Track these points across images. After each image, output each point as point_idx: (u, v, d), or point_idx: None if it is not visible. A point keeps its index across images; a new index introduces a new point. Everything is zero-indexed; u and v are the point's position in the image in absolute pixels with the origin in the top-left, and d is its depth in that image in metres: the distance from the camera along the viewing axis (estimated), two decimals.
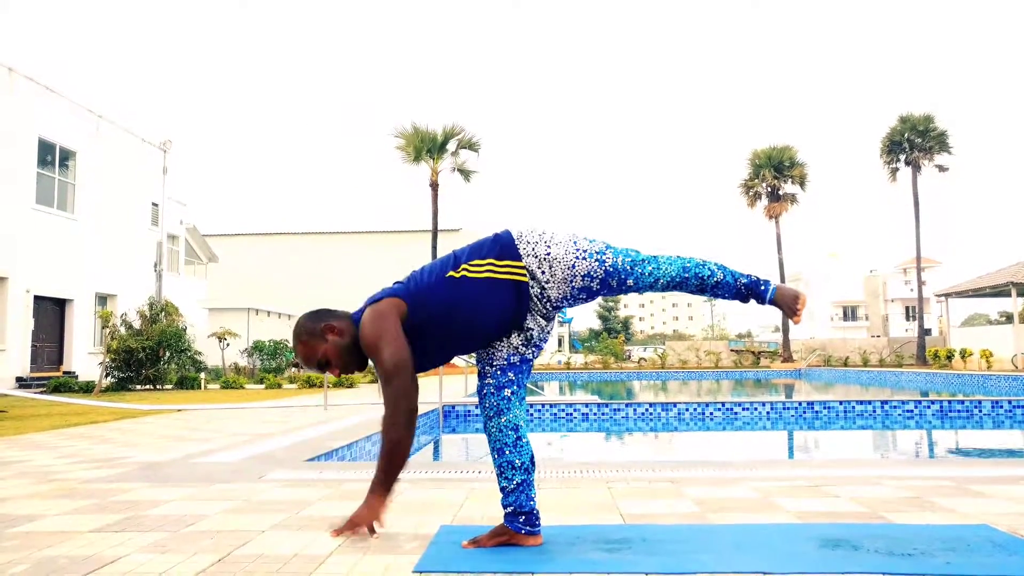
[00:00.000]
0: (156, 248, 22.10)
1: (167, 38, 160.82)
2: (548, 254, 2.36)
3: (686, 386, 21.17)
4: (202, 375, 17.38)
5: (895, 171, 29.99)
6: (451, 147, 25.88)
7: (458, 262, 2.39)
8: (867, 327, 60.83)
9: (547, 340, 2.54)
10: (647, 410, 10.03)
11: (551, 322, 2.50)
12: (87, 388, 14.97)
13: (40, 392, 14.30)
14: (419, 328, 2.35)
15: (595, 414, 9.98)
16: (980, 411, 9.99)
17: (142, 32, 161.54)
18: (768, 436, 9.22)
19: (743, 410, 10.01)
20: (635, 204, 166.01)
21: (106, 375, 15.73)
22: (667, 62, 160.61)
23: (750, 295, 2.43)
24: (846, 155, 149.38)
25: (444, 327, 2.37)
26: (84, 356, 18.37)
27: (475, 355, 2.54)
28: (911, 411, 9.96)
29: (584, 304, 2.52)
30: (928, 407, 10.16)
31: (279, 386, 16.81)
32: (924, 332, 30.16)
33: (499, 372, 2.46)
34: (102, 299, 19.74)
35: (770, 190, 31.49)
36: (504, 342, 2.46)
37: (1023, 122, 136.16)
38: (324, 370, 2.43)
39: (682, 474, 4.03)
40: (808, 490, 3.48)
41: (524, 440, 2.45)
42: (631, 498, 3.34)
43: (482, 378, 2.49)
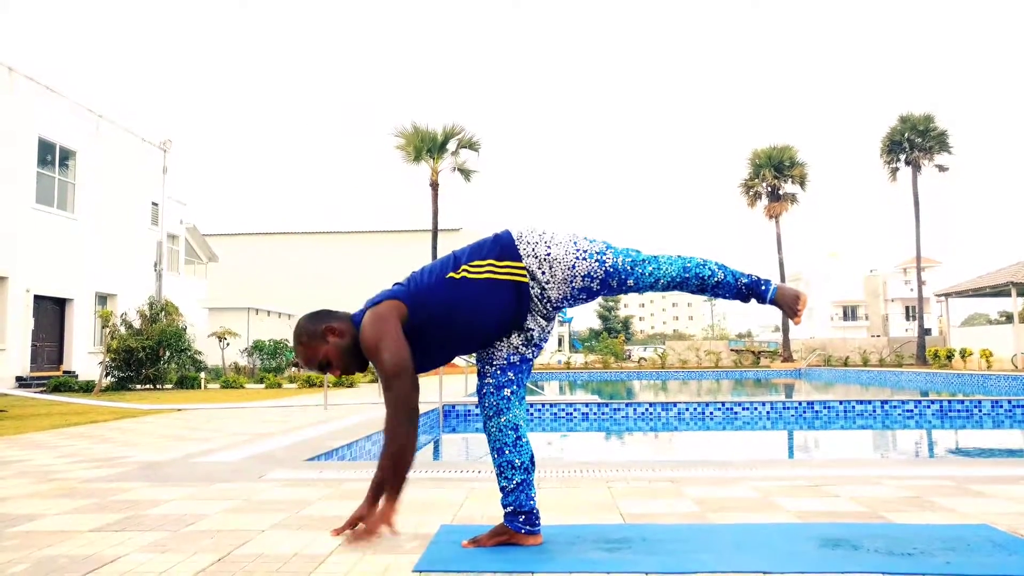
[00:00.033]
0: (156, 248, 22.10)
1: (167, 38, 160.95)
2: (548, 254, 2.36)
3: (686, 386, 21.17)
4: (202, 375, 17.38)
5: (895, 171, 29.99)
6: (451, 147, 25.86)
7: (458, 263, 2.38)
8: (867, 327, 60.85)
9: (547, 340, 2.54)
10: (647, 410, 10.03)
11: (551, 322, 2.50)
12: (87, 388, 14.97)
13: (40, 392, 14.31)
14: (419, 329, 2.35)
15: (595, 414, 9.98)
16: (980, 411, 9.99)
17: (142, 32, 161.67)
18: (768, 436, 9.22)
19: (743, 410, 10.01)
20: (635, 204, 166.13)
21: (106, 375, 15.74)
22: (667, 62, 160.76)
23: (751, 295, 2.42)
24: (846, 155, 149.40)
25: (444, 328, 2.36)
26: (84, 356, 18.37)
27: (475, 355, 2.54)
28: (911, 411, 9.95)
29: (584, 304, 2.51)
30: (928, 407, 10.16)
31: (279, 386, 16.81)
32: (924, 332, 30.17)
33: (499, 372, 2.46)
34: (102, 299, 19.74)
35: (770, 190, 31.49)
36: (504, 342, 2.46)
37: (1023, 122, 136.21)
38: (325, 371, 2.43)
39: (682, 474, 4.03)
40: (808, 490, 3.49)
41: (524, 440, 2.45)
42: (631, 498, 3.34)
43: (482, 378, 2.49)
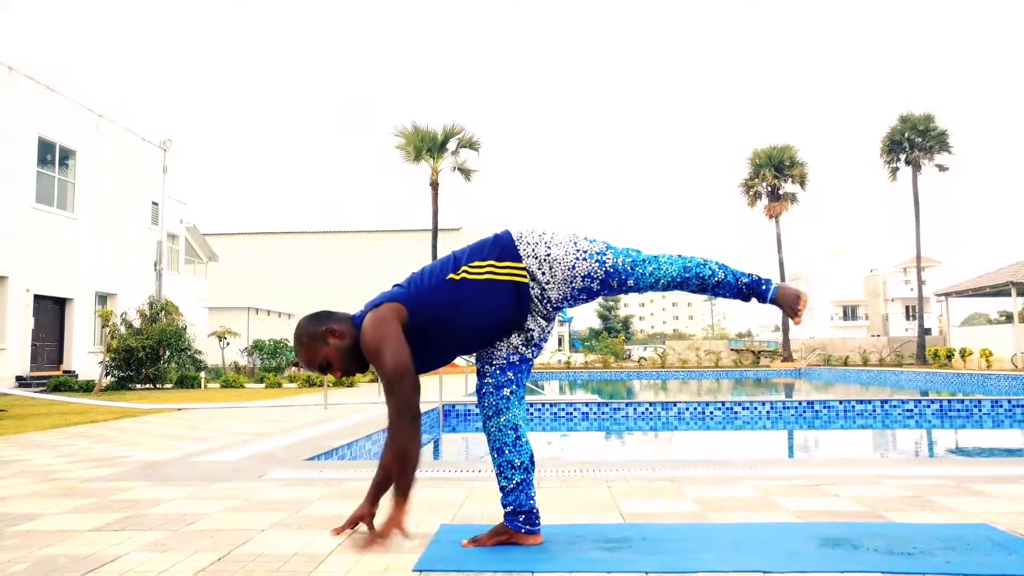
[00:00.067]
0: (156, 247, 22.09)
1: (167, 38, 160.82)
2: (548, 255, 2.35)
3: (686, 385, 21.17)
4: (202, 374, 17.39)
5: (895, 170, 29.98)
6: (451, 146, 25.85)
7: (458, 264, 2.38)
8: (867, 326, 60.88)
9: (547, 340, 2.54)
10: (647, 409, 10.02)
11: (551, 322, 2.50)
12: (87, 387, 14.97)
13: (40, 391, 14.31)
14: (420, 331, 2.35)
15: (595, 413, 9.97)
16: (980, 410, 9.98)
17: (142, 32, 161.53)
18: (768, 435, 9.22)
19: (743, 409, 10.01)
20: (635, 204, 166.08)
21: (106, 374, 15.74)
22: (667, 62, 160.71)
23: (751, 294, 2.42)
24: (846, 155, 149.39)
25: (445, 329, 2.36)
26: (84, 355, 18.37)
27: (475, 354, 2.54)
28: (911, 410, 9.95)
29: (584, 304, 2.51)
30: (928, 406, 10.16)
31: (279, 385, 16.81)
32: (924, 331, 30.17)
33: (498, 372, 2.46)
34: (102, 298, 19.73)
35: (770, 189, 31.49)
36: (504, 342, 2.46)
37: (1023, 122, 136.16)
38: (326, 372, 2.43)
39: (682, 473, 4.03)
40: (808, 489, 3.49)
41: (523, 439, 2.45)
42: (631, 497, 3.34)
43: (481, 377, 2.49)
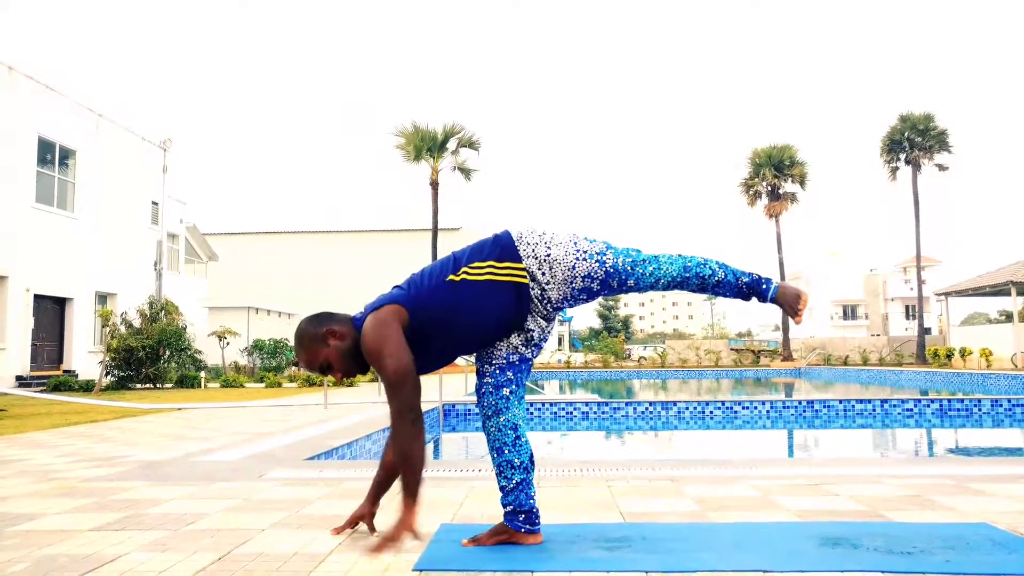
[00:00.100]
0: (156, 247, 22.09)
1: (167, 38, 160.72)
2: (548, 255, 2.35)
3: (686, 385, 21.17)
4: (202, 374, 17.40)
5: (895, 170, 29.98)
6: (451, 146, 25.84)
7: (458, 265, 2.38)
8: (867, 326, 60.87)
9: (547, 340, 2.54)
10: (647, 409, 10.02)
11: (551, 322, 2.50)
12: (87, 387, 14.97)
13: (40, 391, 14.31)
14: (420, 332, 2.35)
15: (595, 413, 9.97)
16: (980, 410, 9.98)
17: (142, 32, 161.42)
18: (768, 435, 9.22)
19: (743, 409, 10.01)
20: (635, 203, 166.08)
21: (106, 374, 15.74)
22: (667, 61, 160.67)
23: (752, 294, 2.42)
24: (846, 154, 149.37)
25: (445, 330, 2.36)
26: (84, 355, 18.37)
27: (474, 354, 2.54)
28: (911, 410, 9.95)
29: (584, 304, 2.51)
30: (928, 406, 10.16)
31: (279, 385, 16.82)
32: (924, 331, 30.17)
33: (498, 371, 2.46)
34: (102, 298, 19.73)
35: (770, 189, 31.48)
36: (504, 342, 2.46)
37: (1023, 122, 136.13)
38: (326, 373, 2.43)
39: (682, 472, 4.03)
40: (808, 488, 3.49)
41: (523, 439, 2.45)
42: (631, 496, 3.34)
43: (481, 377, 2.49)
